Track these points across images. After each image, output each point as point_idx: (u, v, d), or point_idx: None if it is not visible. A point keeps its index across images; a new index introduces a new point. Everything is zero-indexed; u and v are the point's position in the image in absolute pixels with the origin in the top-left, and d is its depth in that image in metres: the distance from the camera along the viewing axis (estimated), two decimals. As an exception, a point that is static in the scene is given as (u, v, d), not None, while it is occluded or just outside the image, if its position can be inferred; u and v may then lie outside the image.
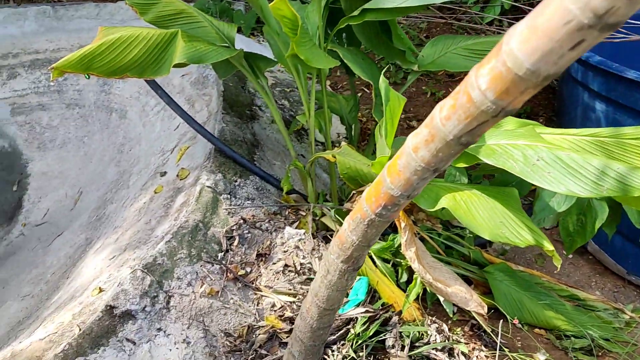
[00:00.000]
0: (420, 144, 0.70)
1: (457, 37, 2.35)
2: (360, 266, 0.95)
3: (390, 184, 0.74)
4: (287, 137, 2.29)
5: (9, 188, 3.47)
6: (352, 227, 0.85)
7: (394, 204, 0.76)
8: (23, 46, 3.56)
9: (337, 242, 0.91)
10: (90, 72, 1.68)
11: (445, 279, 1.86)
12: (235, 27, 2.17)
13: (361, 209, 0.82)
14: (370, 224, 0.81)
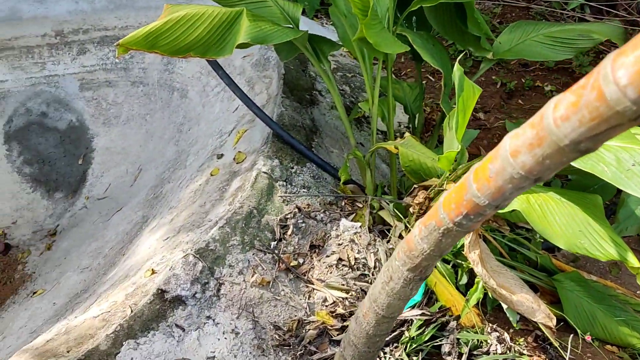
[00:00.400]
0: (522, 148, 0.59)
1: (539, 23, 2.18)
2: (428, 276, 0.86)
3: (477, 191, 0.65)
4: (347, 125, 2.20)
5: (74, 161, 3.56)
6: (424, 234, 0.76)
7: (478, 214, 0.67)
8: (93, 22, 3.61)
9: (403, 248, 0.83)
10: (154, 51, 1.64)
11: (510, 285, 1.73)
12: (301, 8, 2.09)
13: (437, 215, 0.72)
14: (447, 233, 0.72)
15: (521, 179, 0.60)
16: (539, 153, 0.57)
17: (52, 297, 2.45)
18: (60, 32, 3.56)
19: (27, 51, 3.55)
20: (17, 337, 2.18)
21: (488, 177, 0.63)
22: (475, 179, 0.65)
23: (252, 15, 1.78)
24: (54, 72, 3.58)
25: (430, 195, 1.86)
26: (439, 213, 0.72)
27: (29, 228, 3.36)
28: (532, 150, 0.58)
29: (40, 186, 3.51)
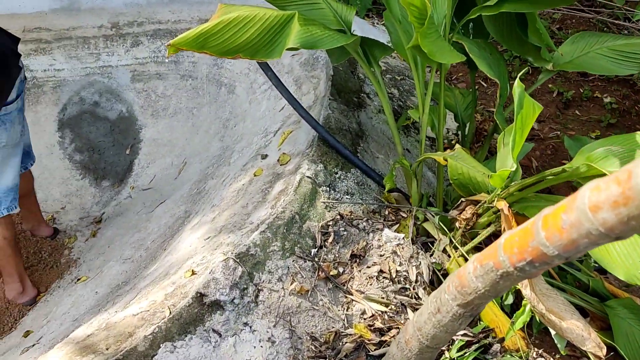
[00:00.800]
0: (605, 204, 0.54)
1: (603, 35, 2.07)
2: (479, 312, 0.81)
3: (545, 240, 0.59)
4: (395, 132, 2.15)
5: (122, 151, 3.63)
6: (479, 272, 0.71)
7: (543, 263, 0.62)
8: (148, 15, 3.67)
9: (455, 283, 0.78)
10: (203, 51, 1.64)
11: (559, 310, 1.65)
12: (354, 11, 2.05)
13: (496, 256, 0.68)
14: (505, 276, 0.67)
15: (600, 236, 0.55)
16: (624, 213, 0.52)
17: (94, 286, 2.50)
18: (116, 24, 3.63)
19: (84, 41, 3.63)
20: (60, 323, 2.23)
21: (560, 228, 0.58)
22: (545, 226, 0.60)
23: (304, 19, 1.75)
24: (107, 62, 3.66)
25: (479, 211, 1.79)
26: (499, 255, 0.67)
27: (77, 214, 3.44)
28: (616, 208, 0.52)
29: (89, 174, 3.59)
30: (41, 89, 3.62)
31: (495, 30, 2.03)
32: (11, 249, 2.55)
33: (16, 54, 2.34)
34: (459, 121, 2.37)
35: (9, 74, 2.28)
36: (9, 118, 2.33)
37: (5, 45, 2.30)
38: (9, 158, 2.42)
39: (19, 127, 2.43)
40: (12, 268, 2.60)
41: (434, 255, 1.90)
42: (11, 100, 2.31)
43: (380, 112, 2.78)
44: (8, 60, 2.28)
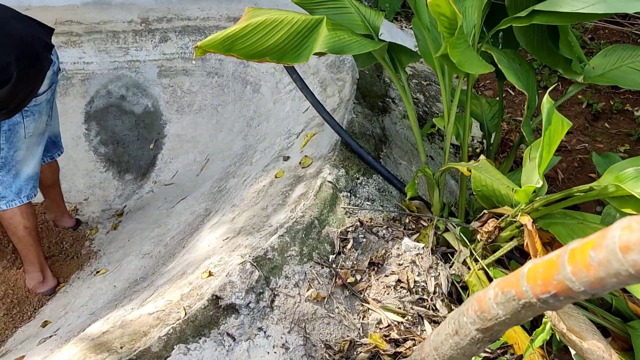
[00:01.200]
0: (637, 246, 0.51)
1: (637, 48, 2.01)
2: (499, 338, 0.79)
3: (572, 275, 0.57)
4: (419, 139, 2.12)
5: (146, 145, 3.67)
6: (501, 300, 0.69)
7: (568, 297, 0.60)
8: (177, 12, 3.69)
9: (474, 307, 0.76)
10: (230, 54, 1.64)
11: (581, 330, 1.61)
12: (382, 16, 2.03)
13: (518, 285, 0.65)
14: (528, 306, 0.65)
15: (630, 277, 0.52)
16: (657, 257, 0.49)
17: (113, 279, 2.53)
18: (145, 20, 3.66)
19: (113, 36, 3.67)
20: (77, 316, 2.26)
21: (587, 264, 0.56)
22: (571, 261, 0.58)
23: (331, 24, 1.74)
24: (136, 57, 3.69)
25: (501, 224, 1.76)
26: (522, 284, 0.65)
27: (99, 206, 3.49)
28: (650, 252, 0.50)
29: (113, 166, 3.64)
30: (70, 81, 3.68)
31: (526, 40, 1.99)
32: (32, 239, 2.58)
33: (48, 46, 2.37)
34: (484, 130, 2.33)
35: (40, 66, 2.31)
36: (37, 109, 2.36)
37: (37, 38, 2.33)
38: (33, 147, 2.46)
39: (45, 117, 2.46)
40: (33, 257, 2.64)
41: (454, 266, 1.87)
42: (42, 91, 2.34)
43: (404, 117, 2.75)
44: (39, 53, 2.31)
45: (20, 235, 2.55)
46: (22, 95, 2.28)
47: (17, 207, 2.47)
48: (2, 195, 2.44)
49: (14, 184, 2.44)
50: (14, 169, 2.43)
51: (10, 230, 2.54)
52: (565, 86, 3.34)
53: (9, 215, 2.48)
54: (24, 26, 2.32)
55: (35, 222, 2.60)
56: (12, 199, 2.46)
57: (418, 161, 2.54)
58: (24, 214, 2.51)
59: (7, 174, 2.42)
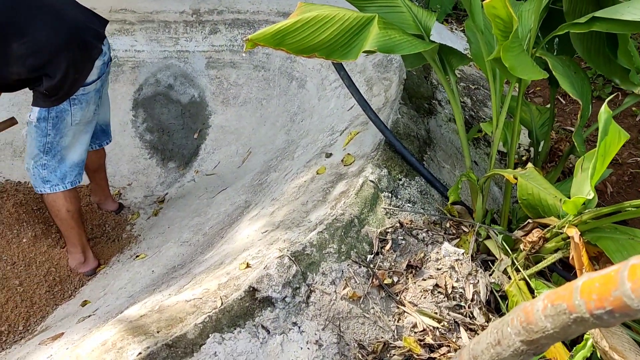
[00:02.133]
0: None
1: (702, 62, 1.92)
2: (544, 351, 0.77)
3: (631, 292, 0.55)
4: (465, 143, 2.09)
5: (190, 135, 3.72)
6: (550, 312, 0.67)
7: (625, 314, 0.57)
8: (228, 4, 3.73)
9: (520, 317, 0.74)
10: (280, 48, 1.64)
11: (624, 349, 1.56)
12: (434, 17, 2.00)
13: (570, 298, 0.63)
14: (579, 321, 0.63)
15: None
16: None
17: (151, 265, 2.58)
18: (197, 11, 3.72)
19: (165, 25, 3.75)
20: (116, 298, 2.32)
21: (651, 284, 0.53)
22: (632, 277, 0.55)
23: (383, 22, 1.72)
24: (185, 48, 3.76)
25: (546, 235, 1.71)
26: (574, 298, 0.63)
27: (142, 192, 3.56)
28: None
29: (157, 154, 3.71)
30: (121, 68, 3.77)
31: (583, 48, 1.93)
32: (74, 222, 2.65)
33: (100, 36, 2.42)
34: (532, 138, 2.27)
35: (89, 55, 2.35)
36: (85, 98, 2.41)
37: (89, 27, 2.38)
38: (79, 135, 2.51)
39: (94, 106, 2.51)
40: (75, 239, 2.72)
41: (494, 275, 1.83)
42: (91, 81, 2.39)
43: (450, 120, 2.71)
44: (89, 42, 2.36)
45: (63, 218, 2.62)
46: (70, 82, 2.32)
47: (61, 191, 2.54)
48: (46, 179, 2.51)
49: (58, 169, 2.50)
50: (59, 155, 2.49)
51: (54, 212, 2.62)
52: (619, 97, 3.22)
53: (52, 198, 2.55)
54: (78, 14, 2.37)
55: (78, 206, 2.67)
56: (56, 184, 2.52)
57: (461, 165, 2.49)
58: (67, 197, 2.57)
59: (52, 158, 2.48)
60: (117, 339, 1.45)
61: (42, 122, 2.38)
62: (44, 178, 2.51)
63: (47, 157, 2.47)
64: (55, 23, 2.28)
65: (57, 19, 2.29)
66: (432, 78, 2.96)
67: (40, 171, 2.50)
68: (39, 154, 2.46)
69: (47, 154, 2.46)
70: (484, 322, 1.71)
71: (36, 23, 2.25)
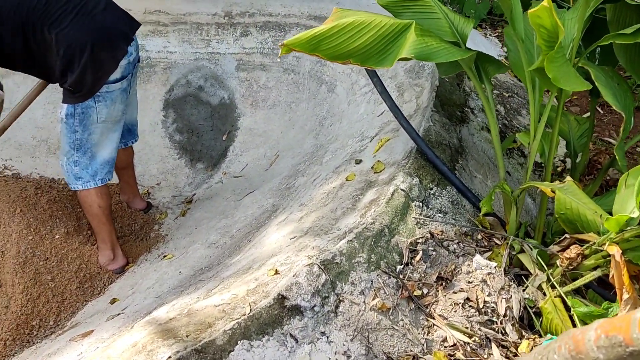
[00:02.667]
0: None
1: None
2: (591, 383, 0.73)
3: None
4: (499, 153, 2.04)
5: (219, 136, 3.74)
6: (603, 343, 0.64)
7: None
8: (259, 7, 3.74)
9: (569, 345, 0.71)
10: (315, 54, 1.63)
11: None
12: (472, 24, 1.96)
13: (627, 331, 0.60)
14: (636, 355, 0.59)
15: None
16: None
17: (179, 265, 2.59)
18: (229, 13, 3.74)
19: (197, 27, 3.77)
20: (144, 297, 2.33)
21: None
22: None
23: (420, 29, 1.69)
24: (216, 49, 3.78)
25: (585, 252, 1.66)
26: (632, 331, 0.59)
27: (170, 192, 3.59)
28: None
29: (186, 154, 3.73)
30: (153, 69, 3.81)
31: (626, 58, 1.87)
32: (105, 218, 2.70)
33: (127, 38, 2.45)
34: (570, 149, 2.21)
35: (113, 55, 2.39)
36: (110, 96, 2.45)
37: (117, 28, 2.43)
38: (108, 133, 2.56)
39: (121, 106, 2.55)
40: (105, 235, 2.76)
41: (527, 290, 1.78)
42: (114, 79, 2.43)
43: (483, 129, 2.66)
44: (115, 43, 2.40)
45: (94, 214, 2.67)
46: (91, 79, 2.37)
47: (93, 188, 2.59)
48: (78, 176, 2.57)
49: (90, 166, 2.56)
50: (90, 152, 2.54)
51: (86, 208, 2.68)
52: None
53: (85, 194, 2.61)
54: (108, 16, 2.42)
55: (109, 203, 2.72)
56: (88, 181, 2.58)
57: (494, 176, 2.44)
58: (99, 194, 2.63)
59: (83, 155, 2.53)
60: (147, 341, 1.45)
61: (69, 119, 2.44)
62: (76, 175, 2.57)
63: (78, 153, 2.52)
64: (84, 20, 2.33)
65: (87, 17, 2.34)
66: (464, 85, 2.92)
67: (72, 168, 2.56)
68: (70, 150, 2.52)
69: (78, 150, 2.51)
70: (517, 338, 1.67)
71: (68, 17, 2.31)
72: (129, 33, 2.48)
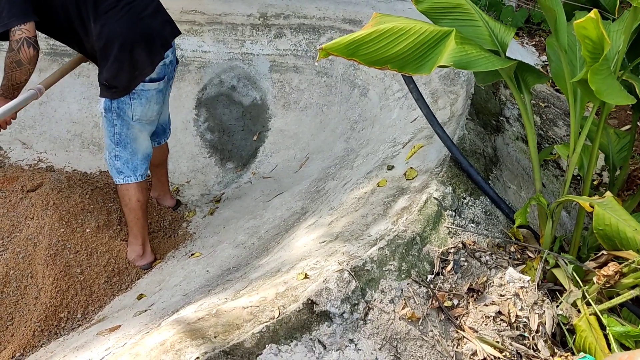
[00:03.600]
0: None
1: None
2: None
3: None
4: (536, 165, 2.00)
5: (250, 137, 3.76)
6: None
7: None
8: (295, 9, 3.75)
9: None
10: (353, 59, 1.62)
11: None
12: (512, 33, 1.93)
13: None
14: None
15: None
16: None
17: (206, 264, 2.60)
18: (264, 15, 3.76)
19: (232, 28, 3.80)
20: (171, 295, 2.35)
21: None
22: None
23: (460, 37, 1.67)
24: (250, 50, 3.80)
25: (623, 270, 1.61)
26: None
27: (199, 190, 3.62)
28: None
29: (216, 153, 3.76)
30: (187, 68, 3.85)
31: (673, 71, 1.81)
32: (142, 212, 2.75)
33: (166, 45, 2.51)
34: (609, 163, 2.15)
35: (150, 56, 2.44)
36: (145, 94, 2.50)
37: (159, 32, 2.49)
38: (144, 130, 2.62)
39: (156, 106, 2.60)
40: (138, 230, 2.79)
41: (561, 306, 1.74)
42: (150, 79, 2.47)
43: (518, 139, 2.61)
44: (153, 46, 2.46)
45: (132, 207, 2.72)
46: (127, 77, 2.43)
47: (133, 182, 2.65)
48: (120, 170, 2.64)
49: (131, 161, 2.63)
50: (130, 147, 2.60)
51: (124, 201, 2.73)
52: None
53: (126, 188, 2.68)
54: (153, 21, 2.49)
55: (147, 198, 2.80)
56: (129, 175, 2.65)
57: (528, 187, 2.40)
58: (139, 188, 2.70)
59: (123, 150, 2.60)
60: (175, 341, 1.45)
61: (108, 113, 2.51)
62: (119, 169, 2.64)
63: (118, 148, 2.59)
64: (132, 20, 2.38)
65: (135, 18, 2.39)
66: (500, 94, 2.87)
67: (114, 162, 2.64)
68: (111, 144, 2.59)
69: (118, 145, 2.58)
70: (549, 355, 1.63)
71: (118, 14, 2.37)
72: (169, 39, 2.53)
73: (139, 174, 2.67)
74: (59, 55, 3.93)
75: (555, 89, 3.37)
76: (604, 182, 2.64)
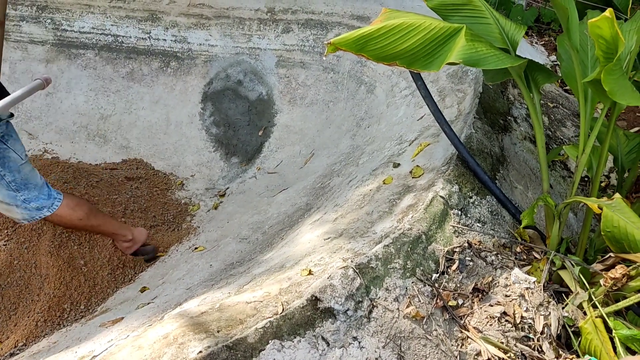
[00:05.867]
0: None
1: None
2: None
3: None
4: (544, 166, 1.98)
5: (255, 132, 3.75)
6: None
7: None
8: (302, 4, 3.73)
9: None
10: (361, 54, 1.60)
11: None
12: (523, 31, 1.91)
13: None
14: None
15: None
16: None
17: (209, 258, 2.60)
18: (271, 10, 3.74)
19: (239, 22, 3.79)
20: (174, 288, 2.34)
21: None
22: None
23: (470, 34, 1.65)
24: (257, 45, 3.78)
25: (631, 273, 1.59)
26: None
27: (204, 184, 3.62)
28: None
29: (221, 148, 3.75)
30: (194, 61, 3.84)
31: (686, 73, 1.79)
32: (95, 219, 2.58)
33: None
34: (618, 165, 2.13)
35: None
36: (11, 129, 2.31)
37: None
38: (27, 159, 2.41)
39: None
40: (107, 230, 2.69)
41: (567, 308, 1.72)
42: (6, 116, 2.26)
43: (525, 139, 2.59)
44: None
45: (81, 226, 2.57)
46: None
47: (60, 206, 2.45)
48: (40, 207, 2.42)
49: (40, 194, 2.42)
50: (31, 183, 2.39)
51: (71, 225, 2.56)
52: None
53: (58, 216, 2.47)
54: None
55: (86, 209, 2.56)
56: (50, 204, 2.44)
57: (535, 187, 2.38)
58: (68, 207, 2.48)
59: (27, 191, 2.38)
60: (178, 334, 1.45)
61: None
62: (37, 208, 2.42)
63: (21, 192, 2.38)
64: None
65: None
66: (508, 93, 2.85)
67: (27, 206, 2.40)
68: (12, 194, 2.36)
69: (19, 190, 2.37)
70: (554, 357, 1.61)
71: None
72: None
73: (54, 197, 2.44)
74: (66, 47, 3.93)
75: (564, 89, 3.35)
76: (612, 184, 2.62)
